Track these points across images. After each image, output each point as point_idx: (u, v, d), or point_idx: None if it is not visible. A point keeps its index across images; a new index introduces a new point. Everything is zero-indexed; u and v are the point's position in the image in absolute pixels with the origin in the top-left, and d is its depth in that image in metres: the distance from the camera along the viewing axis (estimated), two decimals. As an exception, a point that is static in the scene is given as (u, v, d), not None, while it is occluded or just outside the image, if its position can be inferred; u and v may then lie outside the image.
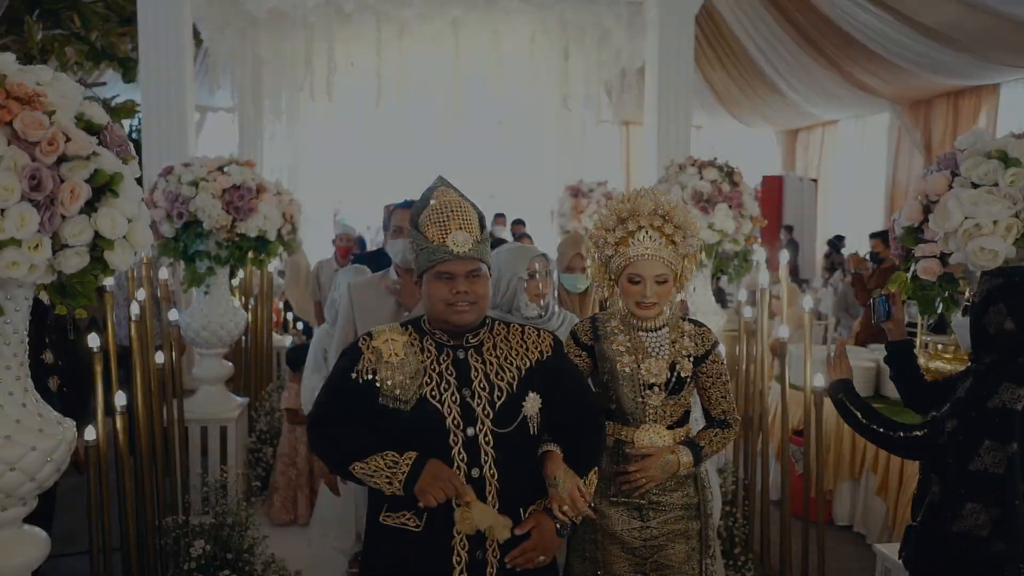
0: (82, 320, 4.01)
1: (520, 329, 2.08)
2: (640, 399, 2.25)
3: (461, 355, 1.99)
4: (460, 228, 1.94)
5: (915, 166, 11.42)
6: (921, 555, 2.08)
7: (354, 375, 1.97)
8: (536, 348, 2.05)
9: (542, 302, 2.63)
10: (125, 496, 2.77)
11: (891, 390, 4.33)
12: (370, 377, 1.95)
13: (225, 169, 3.92)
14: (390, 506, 1.96)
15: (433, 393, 1.94)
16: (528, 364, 2.02)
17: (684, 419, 2.34)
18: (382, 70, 7.30)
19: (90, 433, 2.54)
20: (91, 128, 1.87)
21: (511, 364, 2.00)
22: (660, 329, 2.28)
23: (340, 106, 8.38)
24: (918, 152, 11.29)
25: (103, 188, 1.85)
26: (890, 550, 2.67)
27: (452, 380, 1.96)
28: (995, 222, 2.14)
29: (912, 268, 2.39)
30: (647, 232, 2.20)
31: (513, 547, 1.92)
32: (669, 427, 2.29)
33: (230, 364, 4.23)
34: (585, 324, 2.36)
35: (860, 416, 2.21)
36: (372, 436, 1.96)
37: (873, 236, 6.78)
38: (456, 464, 1.90)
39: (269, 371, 5.57)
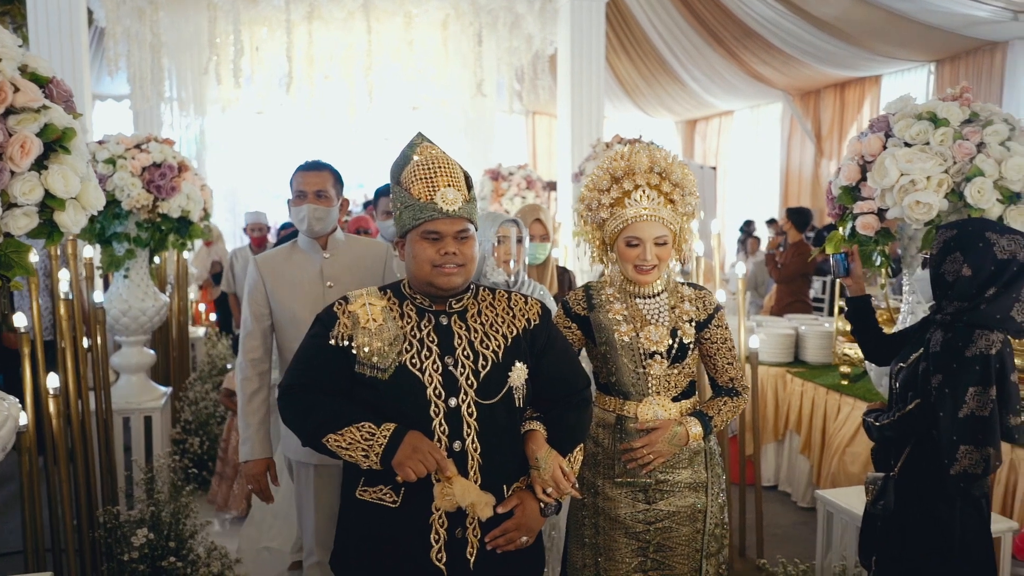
0: None
1: (506, 296, 1.97)
2: (641, 369, 2.11)
3: (444, 321, 1.87)
4: (449, 185, 1.82)
5: (806, 153, 12.03)
6: (904, 503, 2.16)
7: (331, 341, 1.84)
8: (523, 316, 1.93)
9: (510, 268, 2.55)
10: (61, 486, 2.60)
11: (810, 355, 4.58)
12: (346, 343, 1.83)
13: (143, 147, 3.73)
14: (366, 480, 1.84)
15: (413, 361, 1.82)
16: (515, 332, 1.90)
17: (690, 390, 2.19)
18: (292, 53, 7.09)
19: (22, 418, 2.37)
20: (36, 80, 1.75)
21: (497, 332, 1.89)
22: (658, 295, 2.15)
23: (245, 91, 8.07)
24: (809, 140, 11.89)
25: (52, 145, 1.73)
26: (834, 495, 2.82)
27: (434, 347, 1.84)
28: (928, 178, 2.29)
29: (850, 225, 2.52)
30: (644, 191, 2.05)
31: (495, 526, 1.81)
32: (674, 399, 2.14)
33: (152, 352, 4.03)
34: (578, 293, 2.22)
35: (876, 423, 2.24)
36: (347, 406, 1.83)
37: (784, 216, 7.09)
38: (437, 436, 1.79)
39: (185, 362, 5.33)
